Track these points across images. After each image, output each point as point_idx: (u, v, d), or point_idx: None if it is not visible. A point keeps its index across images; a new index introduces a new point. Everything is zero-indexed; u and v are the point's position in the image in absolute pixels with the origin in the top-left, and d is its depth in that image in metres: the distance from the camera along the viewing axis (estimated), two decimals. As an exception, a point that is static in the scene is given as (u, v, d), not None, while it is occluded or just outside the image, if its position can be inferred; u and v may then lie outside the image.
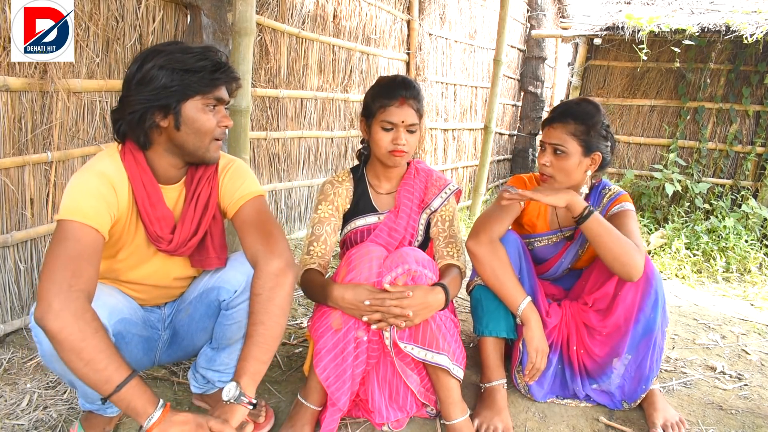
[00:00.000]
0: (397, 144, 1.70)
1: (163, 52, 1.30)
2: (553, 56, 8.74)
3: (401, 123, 1.69)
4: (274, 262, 1.35)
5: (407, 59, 4.78)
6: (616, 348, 1.77)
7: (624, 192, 1.92)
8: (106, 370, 1.13)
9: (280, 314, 1.33)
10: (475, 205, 5.04)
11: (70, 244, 1.20)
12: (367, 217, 1.83)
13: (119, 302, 1.42)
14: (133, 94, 1.30)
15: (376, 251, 1.64)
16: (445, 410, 1.62)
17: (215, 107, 1.36)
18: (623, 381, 1.80)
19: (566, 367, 1.88)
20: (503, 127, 7.13)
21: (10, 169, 2.01)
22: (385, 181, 1.86)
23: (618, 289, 1.76)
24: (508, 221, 1.85)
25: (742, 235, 4.26)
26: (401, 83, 1.72)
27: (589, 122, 1.77)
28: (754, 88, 5.02)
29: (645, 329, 1.74)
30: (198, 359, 1.64)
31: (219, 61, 1.35)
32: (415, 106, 1.71)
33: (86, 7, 2.17)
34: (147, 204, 1.38)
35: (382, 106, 1.70)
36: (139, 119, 1.30)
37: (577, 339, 1.86)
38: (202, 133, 1.35)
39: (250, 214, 1.44)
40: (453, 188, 1.87)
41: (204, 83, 1.31)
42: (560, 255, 1.97)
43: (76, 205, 1.24)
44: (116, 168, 1.35)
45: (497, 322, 1.80)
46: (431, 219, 1.86)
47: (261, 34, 3.20)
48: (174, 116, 1.31)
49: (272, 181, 3.58)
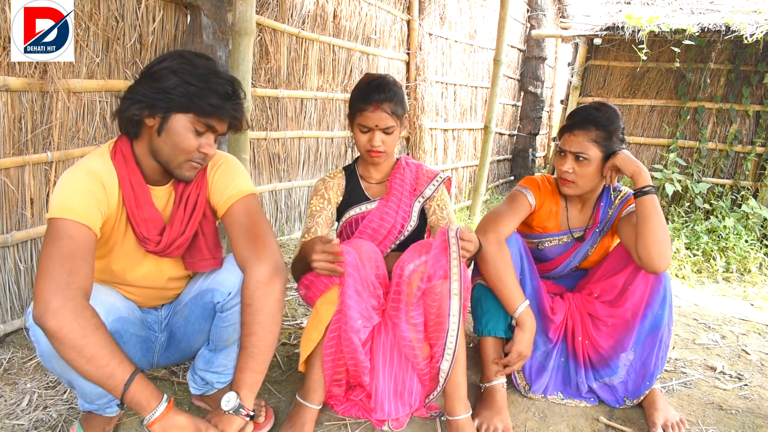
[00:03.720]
0: (373, 146, 1.76)
1: (186, 60, 1.29)
2: (553, 56, 8.75)
3: (375, 127, 1.74)
4: (261, 268, 1.34)
5: (407, 59, 4.78)
6: (621, 341, 1.78)
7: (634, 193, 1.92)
8: (108, 366, 1.13)
9: (271, 323, 1.33)
10: (475, 205, 5.04)
11: (63, 243, 1.20)
12: (361, 205, 1.88)
13: (117, 301, 1.42)
14: (139, 83, 1.30)
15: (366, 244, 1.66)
16: (450, 405, 1.63)
17: (204, 132, 1.33)
18: (627, 376, 1.81)
19: (570, 360, 1.89)
20: (503, 127, 7.13)
21: (10, 169, 2.01)
22: (375, 172, 1.92)
23: (628, 282, 1.77)
24: (516, 222, 1.86)
25: (742, 235, 4.26)
26: (375, 87, 1.74)
27: (611, 128, 1.78)
28: (754, 88, 5.02)
29: (652, 325, 1.74)
30: (196, 361, 1.64)
31: (233, 94, 1.32)
32: (389, 109, 1.73)
33: (86, 7, 2.17)
34: (134, 205, 1.37)
35: (359, 110, 1.75)
36: (128, 106, 1.30)
37: (582, 330, 1.86)
38: (178, 150, 1.32)
39: (239, 216, 1.43)
40: (443, 176, 1.92)
41: (205, 106, 1.28)
42: (569, 254, 1.97)
43: (66, 203, 1.24)
44: (106, 167, 1.34)
45: (497, 322, 1.80)
46: (426, 207, 1.89)
47: (261, 34, 3.20)
48: (160, 121, 1.30)
49: (272, 181, 3.58)
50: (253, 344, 1.30)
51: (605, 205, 1.93)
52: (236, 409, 1.25)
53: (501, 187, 7.28)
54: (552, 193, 1.97)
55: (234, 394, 1.27)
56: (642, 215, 1.70)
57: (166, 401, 1.19)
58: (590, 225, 1.95)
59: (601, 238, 1.94)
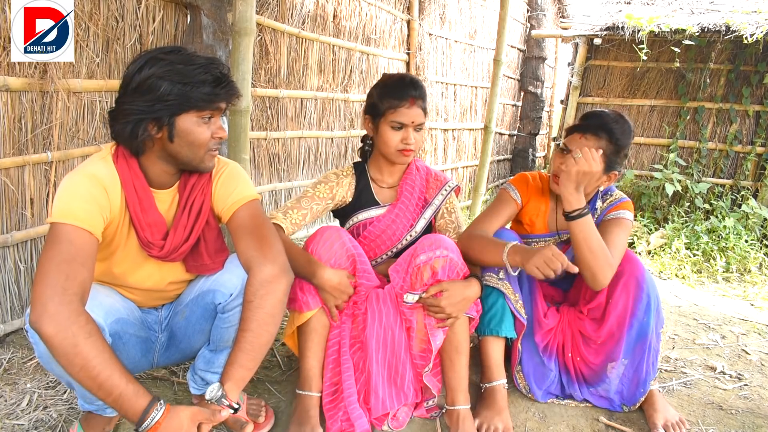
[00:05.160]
0: (407, 143, 1.75)
1: (164, 61, 1.27)
2: (553, 56, 8.75)
3: (411, 123, 1.73)
4: (267, 268, 1.34)
5: (407, 59, 4.77)
6: (610, 354, 1.77)
7: (627, 200, 1.89)
8: (99, 376, 1.13)
9: (269, 321, 1.32)
10: (475, 205, 5.03)
11: (63, 247, 1.19)
12: (370, 210, 1.87)
13: (116, 302, 1.42)
14: (128, 101, 1.27)
15: (334, 233, 1.67)
16: (452, 395, 1.65)
17: (210, 118, 1.34)
18: (621, 386, 1.80)
19: (563, 374, 1.88)
20: (503, 127, 7.13)
21: (10, 169, 2.01)
22: (387, 176, 1.90)
23: (609, 296, 1.76)
24: (501, 219, 1.88)
25: (742, 235, 4.26)
26: (410, 83, 1.76)
27: (622, 143, 1.76)
28: (754, 88, 5.02)
29: (639, 334, 1.74)
30: (196, 361, 1.64)
31: (220, 77, 1.31)
32: (422, 105, 1.76)
33: (86, 7, 2.17)
34: (138, 209, 1.37)
35: (392, 107, 1.73)
36: (132, 129, 1.28)
37: (573, 346, 1.86)
38: (196, 146, 1.33)
39: (244, 219, 1.43)
40: (452, 185, 1.93)
41: (202, 99, 1.28)
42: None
43: (68, 208, 1.23)
44: (108, 171, 1.33)
45: (498, 321, 1.80)
46: (435, 214, 1.89)
47: (261, 34, 3.20)
48: (168, 128, 1.29)
49: (272, 181, 3.58)
50: (246, 340, 1.30)
51: (593, 205, 1.92)
52: (219, 399, 1.25)
53: (501, 187, 7.28)
54: (541, 192, 1.96)
55: (218, 385, 1.27)
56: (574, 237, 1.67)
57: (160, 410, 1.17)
58: None
59: None
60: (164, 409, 1.18)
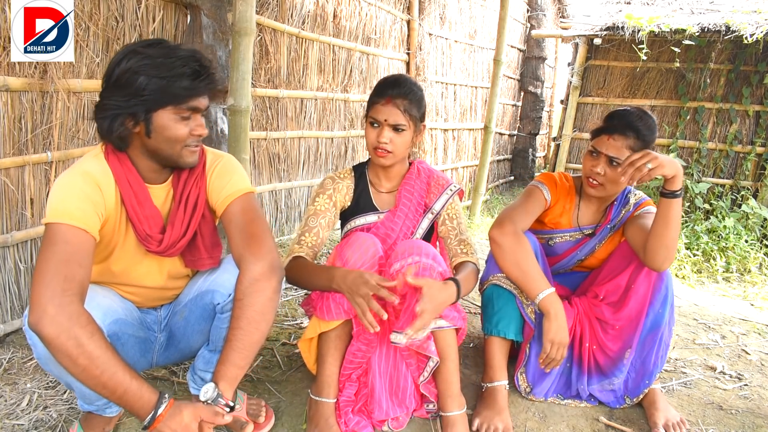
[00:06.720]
0: (379, 141, 1.69)
1: (142, 55, 1.25)
2: (553, 56, 8.75)
3: (385, 121, 1.69)
4: (257, 265, 1.33)
5: (407, 59, 4.77)
6: (628, 341, 1.78)
7: (648, 198, 1.93)
8: (102, 375, 1.13)
9: (260, 319, 1.31)
10: (475, 205, 5.04)
11: (60, 248, 1.19)
12: (367, 216, 1.83)
13: (114, 303, 1.41)
14: (106, 96, 1.27)
15: (369, 239, 1.64)
16: (443, 402, 1.64)
17: (190, 116, 1.32)
18: (628, 375, 1.81)
19: (574, 366, 1.88)
20: (503, 127, 7.13)
21: (10, 169, 2.01)
22: (385, 180, 1.85)
23: (631, 281, 1.77)
24: (532, 216, 1.86)
25: (742, 235, 4.26)
26: (392, 82, 1.73)
27: (649, 139, 1.77)
28: (754, 88, 5.02)
29: (653, 324, 1.75)
30: (196, 361, 1.64)
31: (199, 70, 1.29)
32: (402, 105, 1.68)
33: (86, 7, 2.17)
34: (134, 203, 1.36)
35: (372, 103, 1.74)
36: (109, 125, 1.27)
37: (591, 335, 1.85)
38: (172, 142, 1.31)
39: (236, 215, 1.42)
40: (455, 188, 1.87)
41: (180, 93, 1.26)
42: (576, 248, 1.97)
43: (62, 208, 1.22)
44: (101, 168, 1.33)
45: (507, 323, 1.79)
46: (436, 219, 1.85)
47: (261, 34, 3.20)
48: (144, 124, 1.28)
49: (272, 181, 3.58)
50: (237, 338, 1.29)
51: (619, 204, 1.93)
52: (214, 399, 1.25)
53: (501, 187, 7.28)
54: (568, 192, 1.96)
55: (212, 385, 1.26)
56: (664, 215, 1.66)
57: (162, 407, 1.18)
58: (601, 222, 1.95)
59: (610, 234, 1.94)
60: (167, 403, 1.18)
